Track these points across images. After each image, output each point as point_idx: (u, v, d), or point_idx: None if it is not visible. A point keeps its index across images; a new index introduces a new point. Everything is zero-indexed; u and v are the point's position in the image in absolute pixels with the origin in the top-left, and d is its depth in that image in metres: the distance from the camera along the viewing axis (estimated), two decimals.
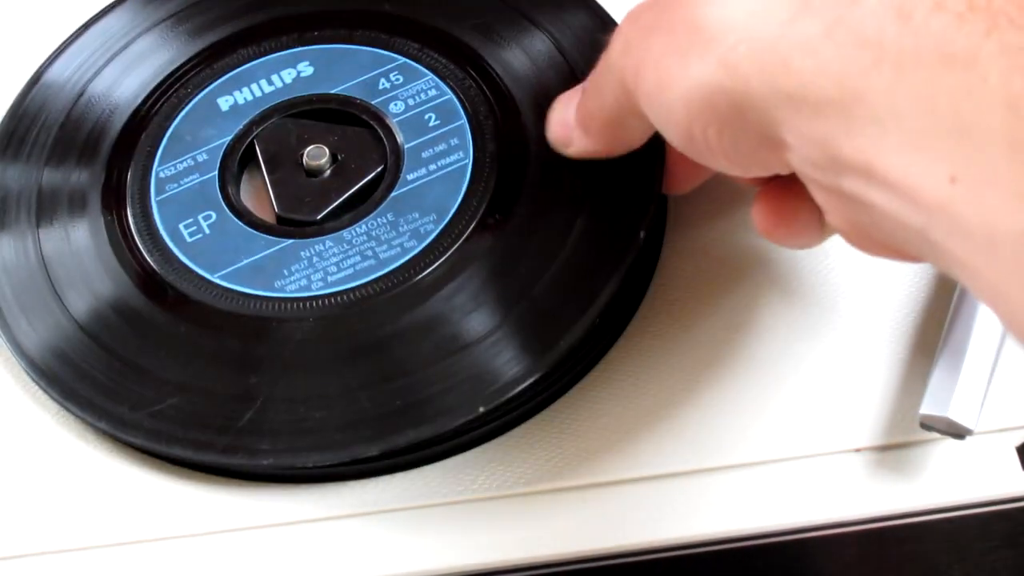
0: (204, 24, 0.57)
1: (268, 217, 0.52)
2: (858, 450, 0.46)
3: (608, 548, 0.45)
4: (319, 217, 0.51)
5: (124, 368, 0.48)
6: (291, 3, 0.57)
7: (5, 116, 0.55)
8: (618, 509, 0.45)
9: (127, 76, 0.56)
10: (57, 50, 0.57)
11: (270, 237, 0.50)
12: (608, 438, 0.47)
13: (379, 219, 0.50)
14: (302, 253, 0.50)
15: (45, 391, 0.48)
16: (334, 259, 0.49)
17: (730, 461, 0.46)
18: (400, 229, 0.50)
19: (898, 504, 0.45)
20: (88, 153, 0.54)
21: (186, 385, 0.47)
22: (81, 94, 0.55)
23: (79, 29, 0.57)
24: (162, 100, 0.55)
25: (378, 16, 0.56)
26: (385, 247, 0.49)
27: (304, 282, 0.49)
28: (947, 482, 0.45)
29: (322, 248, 0.50)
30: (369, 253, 0.49)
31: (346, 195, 0.51)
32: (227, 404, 0.47)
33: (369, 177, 0.52)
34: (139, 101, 0.55)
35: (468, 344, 0.47)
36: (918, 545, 0.47)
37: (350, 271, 0.49)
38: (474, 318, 0.47)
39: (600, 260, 0.48)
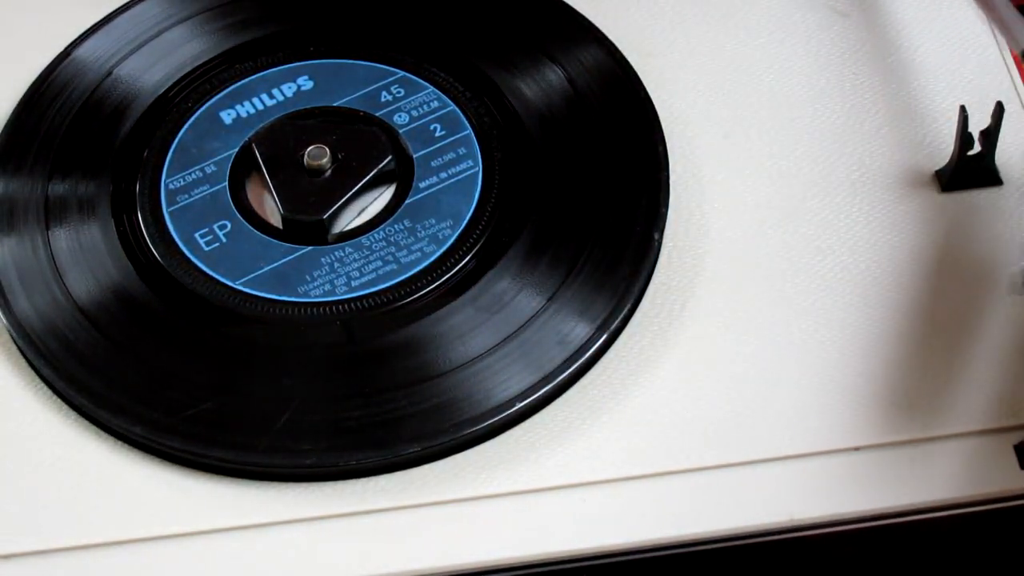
0: (201, 39, 0.58)
1: (272, 220, 0.53)
2: (857, 448, 0.47)
3: (608, 547, 0.45)
4: (326, 216, 0.52)
5: (154, 374, 0.48)
6: (285, 20, 0.58)
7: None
8: (617, 508, 0.46)
9: (126, 87, 0.56)
10: (48, 67, 0.58)
11: (288, 244, 0.51)
12: (607, 437, 0.47)
13: (396, 225, 0.52)
14: (323, 259, 0.51)
15: (73, 399, 0.48)
16: (355, 264, 0.51)
17: (729, 459, 0.47)
18: (418, 235, 0.51)
19: (896, 502, 0.46)
20: (93, 166, 0.54)
21: (218, 389, 0.48)
22: (77, 110, 0.56)
23: (69, 47, 0.58)
24: (165, 113, 0.56)
25: (374, 31, 0.57)
26: (405, 252, 0.51)
27: (328, 287, 0.50)
28: (945, 480, 0.46)
29: (342, 254, 0.51)
30: (390, 258, 0.51)
31: (351, 192, 0.53)
32: (262, 406, 0.47)
33: (373, 173, 0.53)
34: (140, 114, 0.56)
35: (494, 345, 0.48)
36: (916, 543, 0.47)
37: (373, 275, 0.50)
38: (501, 318, 0.49)
39: (618, 260, 0.50)
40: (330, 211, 0.52)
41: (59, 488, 0.47)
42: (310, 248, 0.51)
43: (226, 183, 0.53)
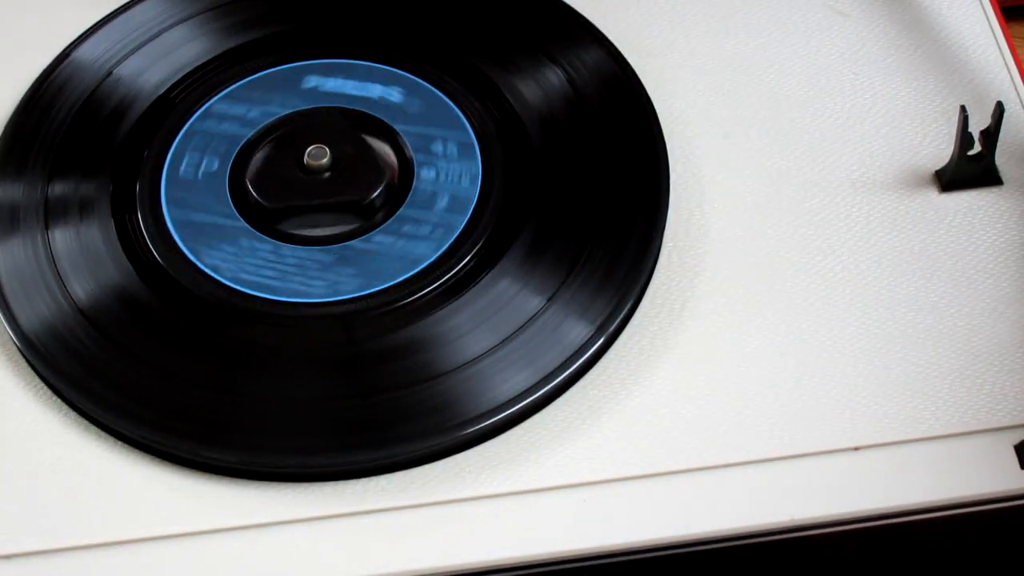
0: (201, 39, 0.58)
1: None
2: (857, 448, 0.47)
3: (608, 547, 0.45)
4: (272, 206, 0.52)
5: (154, 375, 0.49)
6: (285, 20, 0.58)
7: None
8: (618, 508, 0.46)
9: (126, 87, 0.57)
10: (48, 67, 0.58)
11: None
12: (607, 437, 0.47)
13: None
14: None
15: (73, 400, 0.49)
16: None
17: (729, 459, 0.47)
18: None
19: (896, 502, 0.46)
20: (93, 167, 0.54)
21: (219, 389, 0.48)
22: (77, 111, 0.56)
23: (68, 47, 0.58)
24: (165, 113, 0.56)
25: (374, 32, 0.58)
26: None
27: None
28: (945, 480, 0.46)
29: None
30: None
31: (311, 203, 0.52)
32: (262, 406, 0.48)
33: (344, 200, 0.52)
34: (140, 114, 0.56)
35: (494, 345, 0.49)
36: (916, 543, 0.48)
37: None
38: (501, 318, 0.49)
39: (618, 260, 0.50)
40: (280, 204, 0.52)
41: (59, 488, 0.47)
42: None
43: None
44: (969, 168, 0.52)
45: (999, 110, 0.51)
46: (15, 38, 0.60)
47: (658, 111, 0.54)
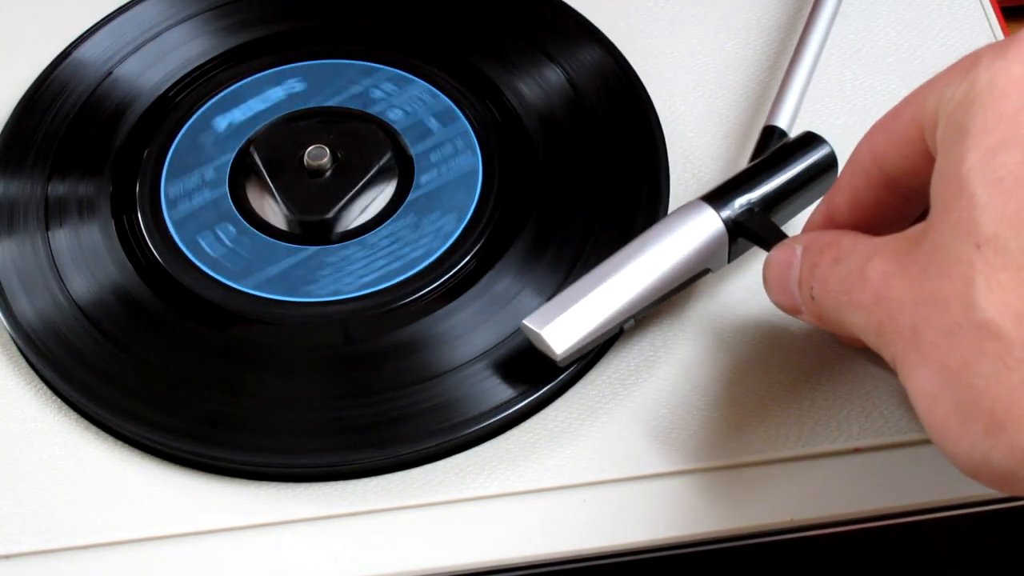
0: (200, 40, 0.58)
1: (274, 221, 0.53)
2: (857, 450, 0.47)
3: (608, 548, 0.45)
4: (331, 215, 0.52)
5: (155, 374, 0.49)
6: (284, 20, 0.59)
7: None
8: (618, 508, 0.46)
9: (125, 87, 0.57)
10: (48, 67, 0.58)
11: (291, 245, 0.51)
12: (607, 437, 0.47)
13: (401, 222, 0.52)
14: (327, 259, 0.51)
15: (73, 399, 0.49)
16: (361, 263, 0.51)
17: (730, 460, 0.47)
18: (423, 230, 0.51)
19: (896, 502, 0.46)
20: (93, 167, 0.54)
21: (219, 389, 0.48)
22: (77, 111, 0.56)
23: (68, 47, 0.58)
24: (165, 114, 0.56)
25: (367, 31, 0.58)
26: (411, 248, 0.51)
27: (333, 287, 0.50)
28: (945, 480, 0.46)
29: (347, 253, 0.51)
30: (397, 255, 0.51)
31: (354, 190, 0.52)
32: (263, 406, 0.48)
33: (375, 170, 0.53)
34: (140, 115, 0.56)
35: (495, 345, 0.49)
36: (916, 543, 0.48)
37: (378, 274, 0.50)
38: (501, 317, 0.49)
39: None
40: (334, 210, 0.52)
41: (59, 488, 0.47)
42: (315, 248, 0.51)
43: (226, 184, 0.53)
44: None
45: None
46: (15, 38, 0.60)
47: (658, 111, 0.54)
